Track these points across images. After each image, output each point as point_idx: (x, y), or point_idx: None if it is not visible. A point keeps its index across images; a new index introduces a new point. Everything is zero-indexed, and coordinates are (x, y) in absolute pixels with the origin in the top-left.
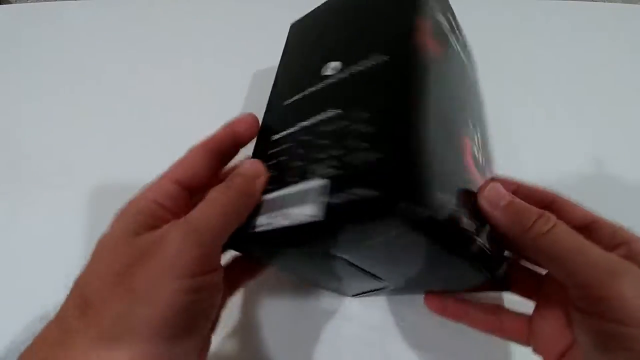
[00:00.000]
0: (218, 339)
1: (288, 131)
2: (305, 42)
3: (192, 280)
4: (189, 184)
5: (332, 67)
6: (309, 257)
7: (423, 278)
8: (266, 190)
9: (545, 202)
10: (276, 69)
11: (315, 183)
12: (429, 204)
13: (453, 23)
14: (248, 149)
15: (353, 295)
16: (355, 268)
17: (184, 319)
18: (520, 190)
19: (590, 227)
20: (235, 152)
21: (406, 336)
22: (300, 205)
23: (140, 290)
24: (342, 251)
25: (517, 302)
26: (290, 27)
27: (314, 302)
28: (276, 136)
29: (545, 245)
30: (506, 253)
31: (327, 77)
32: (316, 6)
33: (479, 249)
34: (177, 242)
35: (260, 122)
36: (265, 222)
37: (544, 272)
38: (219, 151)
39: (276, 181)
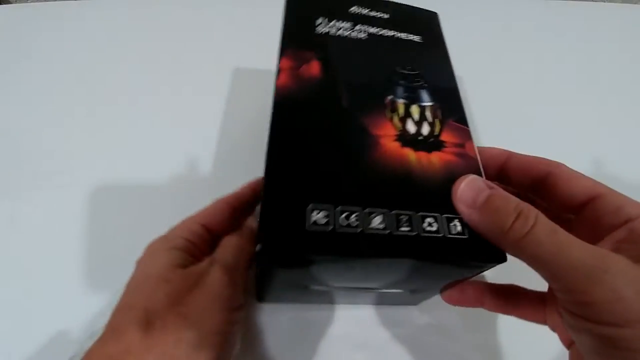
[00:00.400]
0: None
1: None
2: None
3: (230, 313)
4: (211, 229)
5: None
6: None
7: (419, 280)
8: None
9: (541, 174)
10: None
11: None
12: (287, 233)
13: (365, 12)
14: None
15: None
16: (348, 289)
17: (224, 345)
18: (511, 162)
19: (593, 202)
20: (254, 208)
21: (406, 344)
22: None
23: (193, 318)
24: (312, 282)
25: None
26: None
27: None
28: None
29: (525, 249)
30: None
31: None
32: None
33: (424, 240)
34: (217, 279)
35: None
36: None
37: None
38: (239, 205)
39: None
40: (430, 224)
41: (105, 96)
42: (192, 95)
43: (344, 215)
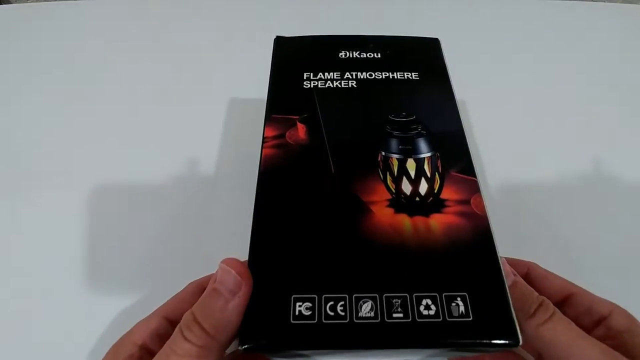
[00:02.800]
0: None
1: None
2: None
3: None
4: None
5: None
6: None
7: (432, 356)
8: None
9: (520, 273)
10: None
11: None
12: (268, 328)
13: (355, 55)
14: None
15: None
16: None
17: None
18: None
19: (568, 301)
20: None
21: None
22: None
23: None
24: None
25: None
26: None
27: None
28: None
29: (544, 335)
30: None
31: None
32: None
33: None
34: None
35: None
36: None
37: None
38: None
39: None
40: (427, 307)
41: (105, 96)
42: (193, 96)
43: (329, 305)
